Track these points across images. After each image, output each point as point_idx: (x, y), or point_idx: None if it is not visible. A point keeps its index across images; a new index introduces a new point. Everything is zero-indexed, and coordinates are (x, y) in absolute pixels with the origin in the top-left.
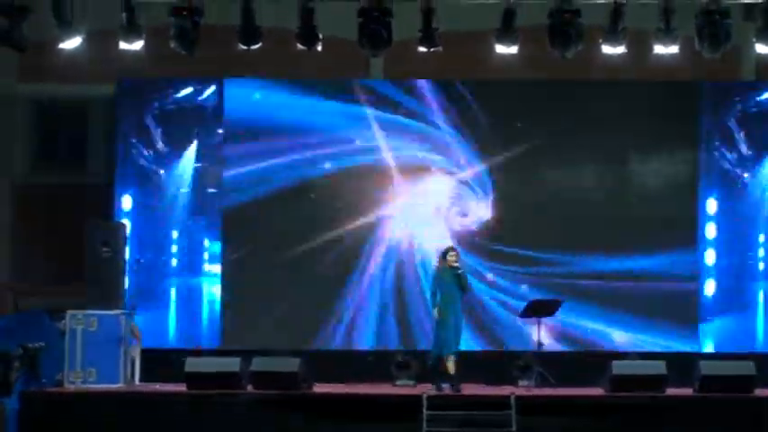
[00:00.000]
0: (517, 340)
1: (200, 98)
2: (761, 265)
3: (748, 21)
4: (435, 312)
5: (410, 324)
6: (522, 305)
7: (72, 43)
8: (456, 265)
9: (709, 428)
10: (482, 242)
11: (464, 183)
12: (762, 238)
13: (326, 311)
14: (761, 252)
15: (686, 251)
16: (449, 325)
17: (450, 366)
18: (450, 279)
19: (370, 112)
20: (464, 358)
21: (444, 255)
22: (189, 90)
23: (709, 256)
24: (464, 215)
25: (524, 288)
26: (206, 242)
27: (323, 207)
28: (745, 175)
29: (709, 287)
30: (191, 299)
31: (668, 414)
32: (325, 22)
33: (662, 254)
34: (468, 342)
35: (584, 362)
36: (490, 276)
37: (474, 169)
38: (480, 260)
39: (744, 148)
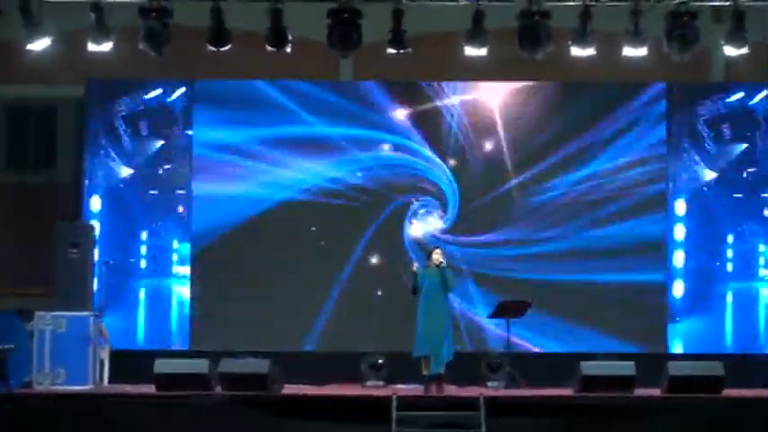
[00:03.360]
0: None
1: (169, 99)
2: (729, 266)
3: (717, 23)
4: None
5: (381, 325)
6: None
7: (41, 44)
8: (443, 262)
9: (678, 429)
10: (448, 242)
11: (433, 184)
12: (730, 238)
13: (297, 312)
14: (729, 253)
15: (655, 252)
16: (425, 326)
17: (423, 368)
18: (433, 279)
19: (342, 112)
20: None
21: (429, 254)
22: (158, 91)
23: (678, 258)
24: (434, 218)
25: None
26: (175, 243)
27: (296, 209)
28: (714, 176)
29: (678, 288)
30: (160, 300)
31: (637, 415)
32: (295, 23)
33: (631, 254)
34: None
35: (554, 362)
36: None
37: (444, 171)
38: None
39: (712, 150)
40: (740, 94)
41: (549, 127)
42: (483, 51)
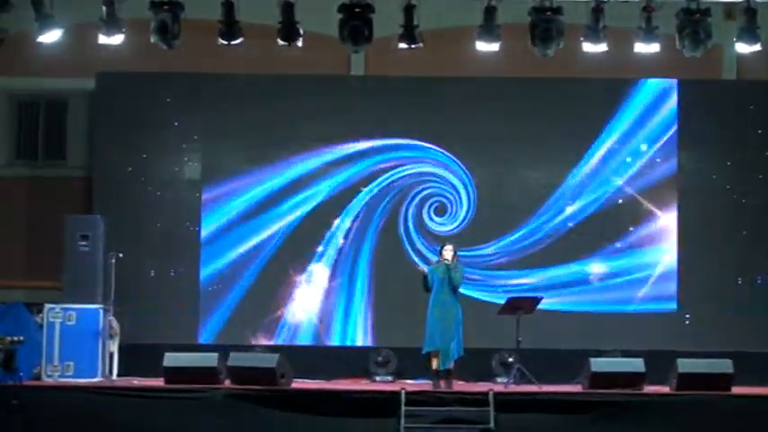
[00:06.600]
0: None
1: (180, 93)
2: (734, 265)
3: (729, 20)
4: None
5: (390, 320)
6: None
7: (52, 37)
8: (448, 259)
9: (687, 426)
10: (456, 240)
11: (439, 181)
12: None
13: (305, 307)
14: (734, 252)
15: (664, 249)
16: (434, 322)
17: (433, 363)
18: (442, 275)
19: (352, 109)
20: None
21: (440, 250)
22: (169, 85)
23: (688, 254)
24: (439, 214)
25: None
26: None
27: (305, 202)
28: (723, 173)
29: (687, 284)
30: (169, 293)
31: (646, 411)
32: (306, 18)
33: (640, 251)
34: None
35: (563, 359)
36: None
37: (448, 168)
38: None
39: (723, 148)
40: (752, 92)
41: (558, 123)
42: (495, 47)
